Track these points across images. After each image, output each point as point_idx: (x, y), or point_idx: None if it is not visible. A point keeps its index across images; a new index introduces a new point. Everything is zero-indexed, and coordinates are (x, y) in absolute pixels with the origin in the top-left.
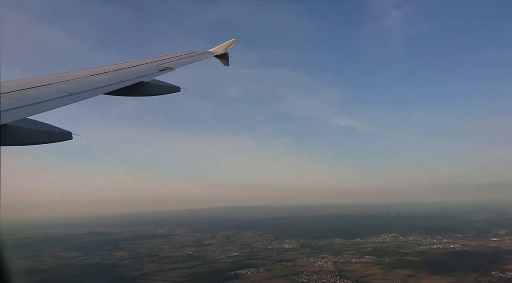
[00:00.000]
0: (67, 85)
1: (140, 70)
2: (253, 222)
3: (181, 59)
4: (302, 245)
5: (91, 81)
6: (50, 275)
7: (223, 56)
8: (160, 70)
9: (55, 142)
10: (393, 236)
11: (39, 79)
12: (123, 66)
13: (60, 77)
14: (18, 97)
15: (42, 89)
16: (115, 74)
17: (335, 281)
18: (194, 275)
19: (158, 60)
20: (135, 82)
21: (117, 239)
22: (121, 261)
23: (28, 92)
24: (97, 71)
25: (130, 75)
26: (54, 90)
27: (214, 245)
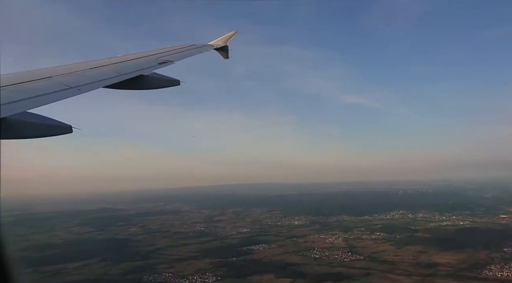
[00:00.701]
0: (66, 78)
1: (140, 63)
2: (261, 199)
3: (181, 52)
4: (311, 222)
5: (91, 75)
6: (66, 249)
7: (223, 49)
8: (160, 63)
9: (55, 135)
10: (401, 213)
11: (39, 73)
12: (122, 59)
13: (59, 70)
14: (18, 91)
15: (42, 83)
16: (115, 68)
17: (347, 257)
18: (207, 251)
19: (158, 53)
20: (135, 75)
21: (128, 215)
22: (134, 237)
23: (28, 86)
24: (97, 64)
25: (129, 68)
26: (54, 84)
27: (224, 221)
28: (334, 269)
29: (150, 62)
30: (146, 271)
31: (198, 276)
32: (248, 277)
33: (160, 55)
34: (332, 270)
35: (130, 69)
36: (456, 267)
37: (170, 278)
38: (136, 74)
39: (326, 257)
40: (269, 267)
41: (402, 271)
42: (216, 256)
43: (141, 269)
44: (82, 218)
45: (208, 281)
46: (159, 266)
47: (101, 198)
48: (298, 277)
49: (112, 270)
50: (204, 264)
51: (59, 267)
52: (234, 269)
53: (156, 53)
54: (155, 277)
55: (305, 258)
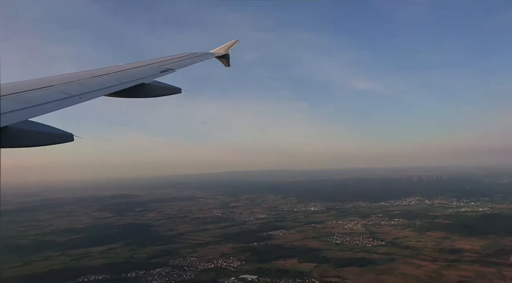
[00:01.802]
0: (68, 86)
1: (141, 71)
2: (274, 186)
3: (182, 61)
4: (327, 208)
5: (92, 83)
6: (89, 234)
7: (224, 57)
8: (161, 71)
9: (56, 144)
10: (418, 199)
11: (40, 81)
12: (124, 67)
13: (61, 79)
14: (20, 99)
15: (43, 91)
16: (116, 76)
17: (369, 242)
18: (228, 235)
19: (159, 61)
20: (136, 83)
21: (145, 201)
22: (154, 222)
23: (29, 94)
24: (98, 73)
25: (131, 76)
26: (56, 92)
27: (240, 207)
28: (357, 254)
29: (151, 71)
30: (171, 255)
31: (223, 261)
32: (272, 261)
33: (161, 64)
34: (355, 255)
35: (132, 77)
36: (481, 253)
37: (196, 262)
38: (138, 82)
39: (347, 243)
40: (291, 252)
41: (427, 257)
42: (238, 241)
43: (166, 253)
44: (100, 203)
45: (233, 265)
46: (183, 250)
47: (116, 185)
48: (322, 262)
49: (137, 254)
50: (227, 249)
51: (86, 251)
52: (257, 254)
53: (157, 62)
54: (180, 261)
55: (326, 243)
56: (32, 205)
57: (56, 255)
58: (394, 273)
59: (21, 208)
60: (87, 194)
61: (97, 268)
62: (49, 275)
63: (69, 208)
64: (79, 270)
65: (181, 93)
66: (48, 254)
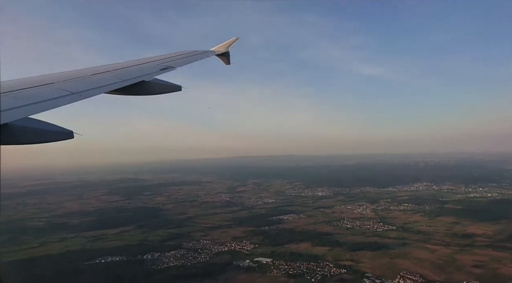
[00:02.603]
0: (68, 84)
1: (142, 69)
2: (279, 171)
3: (182, 58)
4: (335, 193)
5: (93, 80)
6: (101, 216)
7: (225, 55)
8: (162, 69)
9: (56, 141)
10: (425, 185)
11: (40, 78)
12: (124, 65)
13: (61, 76)
14: (20, 96)
15: (43, 88)
16: (117, 74)
17: (379, 227)
18: (238, 220)
19: (159, 59)
20: (136, 81)
21: (152, 185)
22: (163, 205)
23: (29, 91)
24: (99, 70)
25: (131, 74)
26: (56, 89)
27: (247, 192)
28: (368, 238)
29: (152, 68)
30: (183, 238)
31: (236, 244)
32: (285, 245)
33: (162, 61)
34: (367, 240)
35: (132, 75)
36: (494, 238)
37: (209, 245)
38: (138, 80)
39: (358, 227)
40: (303, 236)
41: (439, 242)
42: (248, 225)
43: (178, 236)
44: (108, 187)
45: (246, 248)
46: (195, 233)
47: (122, 169)
48: (335, 246)
49: (150, 236)
50: (239, 232)
51: (100, 233)
52: (269, 237)
53: (157, 59)
54: (193, 244)
55: (337, 228)
56: (41, 188)
57: (70, 237)
58: (408, 257)
59: (30, 190)
60: (95, 178)
61: (112, 249)
62: (66, 256)
63: (77, 191)
64: (95, 251)
65: (181, 90)
66: (62, 236)
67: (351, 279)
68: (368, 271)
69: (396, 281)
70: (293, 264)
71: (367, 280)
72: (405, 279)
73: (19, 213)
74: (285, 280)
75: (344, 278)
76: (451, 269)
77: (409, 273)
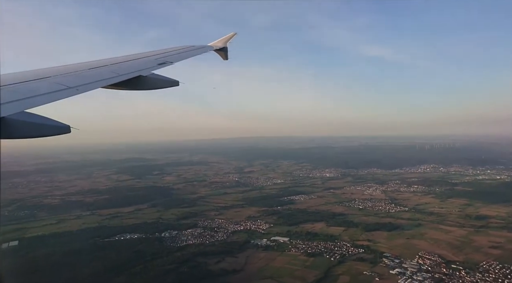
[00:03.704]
0: (65, 78)
1: (139, 63)
2: (284, 152)
3: (180, 53)
4: (342, 174)
5: (90, 75)
6: (114, 195)
7: (222, 50)
8: (159, 64)
9: (53, 135)
10: (433, 167)
11: (37, 72)
12: (122, 59)
13: (58, 71)
14: (16, 90)
15: (40, 83)
16: (114, 68)
17: (392, 208)
18: (249, 200)
19: (157, 54)
20: (133, 76)
21: (159, 165)
22: (174, 185)
23: (26, 86)
24: (96, 65)
25: (128, 68)
26: (52, 84)
27: (255, 172)
28: (382, 219)
29: (149, 63)
30: (198, 217)
31: (251, 223)
32: (300, 225)
33: (160, 56)
34: (381, 220)
35: (129, 69)
36: (508, 220)
37: (224, 224)
38: (135, 74)
39: (370, 208)
40: (317, 216)
41: (453, 223)
42: (261, 205)
43: (193, 215)
44: (116, 166)
45: (262, 227)
46: (209, 212)
47: (125, 149)
48: (350, 226)
49: (165, 215)
50: (252, 212)
51: (115, 211)
52: (283, 217)
53: (155, 54)
54: (209, 223)
55: (349, 208)
56: (50, 166)
57: (87, 214)
58: (424, 238)
59: (39, 169)
60: (100, 157)
61: (130, 227)
62: (86, 233)
63: (86, 170)
64: (113, 229)
65: (178, 86)
66: (78, 213)
67: (370, 259)
68: (386, 251)
69: (415, 261)
70: (311, 243)
71: (386, 260)
72: (424, 259)
73: (32, 191)
74: (304, 258)
75: (363, 257)
76: (468, 250)
77: (427, 253)
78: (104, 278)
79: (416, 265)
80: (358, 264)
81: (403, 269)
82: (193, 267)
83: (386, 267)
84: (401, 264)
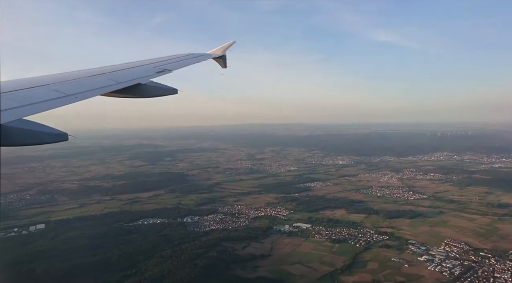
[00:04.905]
0: (64, 86)
1: (138, 71)
2: (292, 139)
3: (179, 61)
4: (355, 161)
5: (88, 82)
6: (130, 180)
7: (221, 58)
8: (158, 72)
9: (50, 143)
10: (446, 154)
11: (36, 80)
12: (120, 67)
13: (57, 78)
14: (15, 98)
15: (39, 90)
16: (112, 76)
17: (410, 196)
18: (266, 186)
19: (156, 61)
20: (132, 83)
21: (170, 151)
22: (188, 171)
23: (24, 93)
24: (95, 72)
25: (127, 76)
26: (51, 91)
27: (267, 159)
28: (402, 206)
29: (148, 71)
30: (217, 203)
31: (271, 209)
32: (320, 211)
33: (158, 64)
34: (401, 208)
35: (128, 77)
36: None
37: (245, 210)
38: (134, 82)
39: (388, 196)
40: (336, 203)
41: (475, 211)
42: (278, 191)
43: (212, 201)
44: (128, 152)
45: (282, 214)
46: (227, 198)
47: (134, 134)
48: (370, 213)
49: (184, 200)
50: (270, 198)
51: (134, 196)
52: (302, 204)
53: (154, 62)
54: (229, 209)
55: (368, 196)
56: (63, 152)
57: (106, 199)
58: (448, 226)
59: (52, 154)
60: (110, 142)
61: (151, 212)
62: (109, 217)
63: (98, 155)
64: (135, 213)
65: (177, 94)
66: (98, 198)
67: (396, 246)
68: (411, 238)
69: (442, 249)
70: (333, 230)
71: (412, 247)
72: (451, 247)
73: (49, 175)
74: (330, 245)
75: (388, 244)
76: (494, 237)
77: (453, 241)
78: (135, 260)
79: (443, 253)
80: (385, 250)
81: (431, 256)
82: (221, 252)
83: (413, 254)
84: (428, 251)
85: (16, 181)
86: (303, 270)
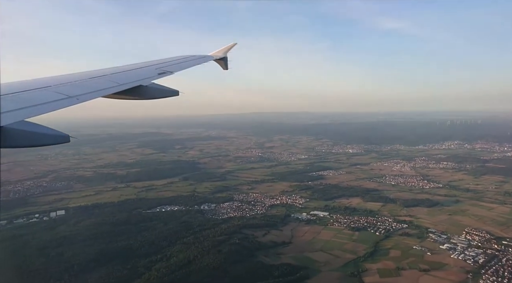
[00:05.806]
0: (65, 88)
1: (139, 73)
2: (300, 127)
3: (180, 63)
4: (366, 150)
5: (90, 84)
6: (143, 168)
7: (222, 60)
8: (159, 74)
9: (52, 145)
10: (457, 143)
11: (37, 82)
12: (122, 69)
13: (58, 80)
14: (17, 100)
15: (40, 92)
16: (114, 77)
17: (425, 184)
18: (278, 175)
19: (157, 63)
20: (133, 85)
21: (179, 139)
22: (199, 159)
23: (26, 95)
24: (96, 74)
25: (128, 78)
26: (53, 93)
27: (276, 147)
28: (418, 195)
29: (149, 73)
30: (232, 191)
31: (286, 197)
32: (336, 200)
33: (160, 66)
34: (418, 196)
35: (129, 79)
36: None
37: (260, 198)
38: (135, 84)
39: (403, 184)
40: (351, 192)
41: (493, 200)
42: (291, 179)
43: (226, 189)
44: (137, 140)
45: (298, 202)
46: (241, 187)
47: (141, 123)
48: (387, 202)
49: (199, 188)
50: (284, 187)
51: (149, 184)
52: (317, 192)
53: (155, 64)
54: (244, 197)
55: (382, 184)
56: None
57: (122, 187)
58: (467, 214)
59: None
60: (119, 131)
61: (168, 199)
62: (127, 204)
63: (108, 143)
64: (152, 200)
65: (178, 96)
66: (113, 185)
67: (417, 234)
68: (431, 227)
69: (463, 237)
70: (351, 218)
71: (433, 235)
72: (472, 235)
73: (62, 163)
74: (350, 233)
75: (407, 232)
76: None
77: (474, 229)
78: (159, 246)
79: (465, 241)
80: (405, 239)
81: (453, 245)
82: (243, 239)
83: (435, 242)
84: (449, 240)
85: (30, 168)
86: (326, 257)
